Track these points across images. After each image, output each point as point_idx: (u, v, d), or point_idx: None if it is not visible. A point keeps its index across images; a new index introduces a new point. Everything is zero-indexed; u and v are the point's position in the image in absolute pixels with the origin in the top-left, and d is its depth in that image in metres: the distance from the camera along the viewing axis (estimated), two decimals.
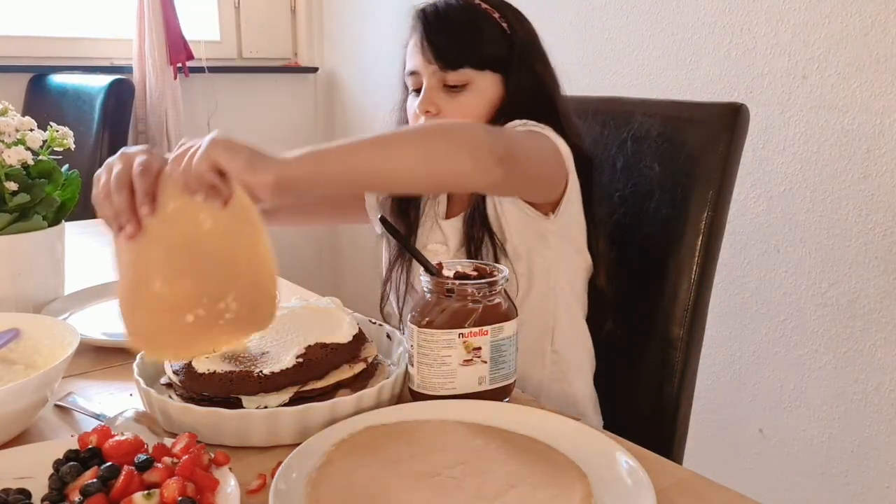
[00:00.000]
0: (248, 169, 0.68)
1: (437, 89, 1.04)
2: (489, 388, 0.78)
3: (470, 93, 1.03)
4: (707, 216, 1.08)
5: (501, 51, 1.04)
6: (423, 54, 1.03)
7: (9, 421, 0.69)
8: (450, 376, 0.76)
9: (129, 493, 0.55)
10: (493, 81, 1.04)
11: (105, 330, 1.00)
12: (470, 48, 1.03)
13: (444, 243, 1.08)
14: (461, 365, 0.76)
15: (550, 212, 1.01)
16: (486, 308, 0.77)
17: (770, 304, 1.63)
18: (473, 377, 0.77)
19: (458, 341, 0.75)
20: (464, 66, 1.02)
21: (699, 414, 1.70)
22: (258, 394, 0.73)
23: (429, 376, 0.77)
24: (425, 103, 1.03)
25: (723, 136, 1.08)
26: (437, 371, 0.76)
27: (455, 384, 0.76)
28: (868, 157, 1.43)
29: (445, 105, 1.03)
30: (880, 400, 1.47)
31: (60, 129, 1.02)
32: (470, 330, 0.75)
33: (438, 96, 1.04)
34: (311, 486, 0.61)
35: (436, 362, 0.76)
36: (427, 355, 0.76)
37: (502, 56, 1.04)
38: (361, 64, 2.85)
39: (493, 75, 1.04)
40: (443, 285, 0.77)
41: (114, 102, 2.13)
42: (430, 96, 1.04)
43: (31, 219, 0.98)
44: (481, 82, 1.04)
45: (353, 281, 3.13)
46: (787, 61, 1.53)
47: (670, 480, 0.66)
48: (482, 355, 0.76)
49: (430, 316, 0.76)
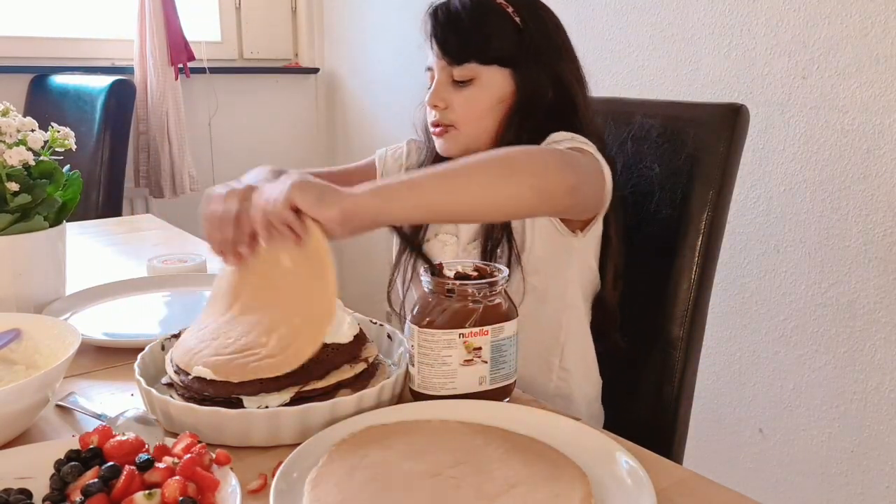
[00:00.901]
0: (318, 204, 0.72)
1: (446, 84, 1.05)
2: (490, 388, 0.78)
3: (476, 87, 1.04)
4: (707, 216, 1.08)
5: (511, 45, 1.03)
6: (432, 50, 1.05)
7: (10, 421, 0.69)
8: (450, 376, 0.76)
9: (131, 493, 0.55)
10: (501, 76, 1.04)
11: (106, 330, 1.00)
12: (473, 43, 1.03)
13: (454, 234, 1.09)
14: (462, 365, 0.76)
15: (579, 229, 1.01)
16: (486, 308, 0.77)
17: (770, 304, 1.63)
18: (474, 377, 0.77)
19: (458, 341, 0.76)
20: (469, 61, 1.03)
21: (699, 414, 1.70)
22: (259, 394, 0.73)
23: (429, 376, 0.77)
24: (433, 97, 1.05)
25: (723, 136, 1.08)
26: (437, 371, 0.76)
27: (455, 384, 0.77)
28: (868, 158, 1.43)
29: (453, 100, 1.04)
30: (880, 400, 1.47)
31: (62, 129, 1.02)
32: (470, 330, 0.76)
33: (447, 90, 1.05)
34: (311, 486, 0.61)
35: (436, 362, 0.76)
36: (427, 355, 0.76)
37: (511, 51, 1.03)
38: (362, 65, 2.86)
39: (500, 70, 1.04)
40: (443, 285, 0.77)
41: (115, 103, 2.13)
42: (439, 90, 1.05)
43: (33, 219, 0.98)
44: (487, 77, 1.03)
45: (354, 281, 3.13)
46: (787, 62, 1.53)
47: (670, 480, 0.66)
48: (482, 355, 0.77)
49: (430, 316, 0.77)
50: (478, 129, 1.06)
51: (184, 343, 0.79)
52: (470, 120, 1.05)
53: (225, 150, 2.91)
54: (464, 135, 1.06)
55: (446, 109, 1.05)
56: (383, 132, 2.78)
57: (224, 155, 2.92)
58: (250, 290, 0.81)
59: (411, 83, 2.62)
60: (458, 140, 1.06)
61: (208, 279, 1.22)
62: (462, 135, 1.06)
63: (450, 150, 1.07)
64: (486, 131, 1.06)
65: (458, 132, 1.06)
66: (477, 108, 1.04)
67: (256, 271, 0.80)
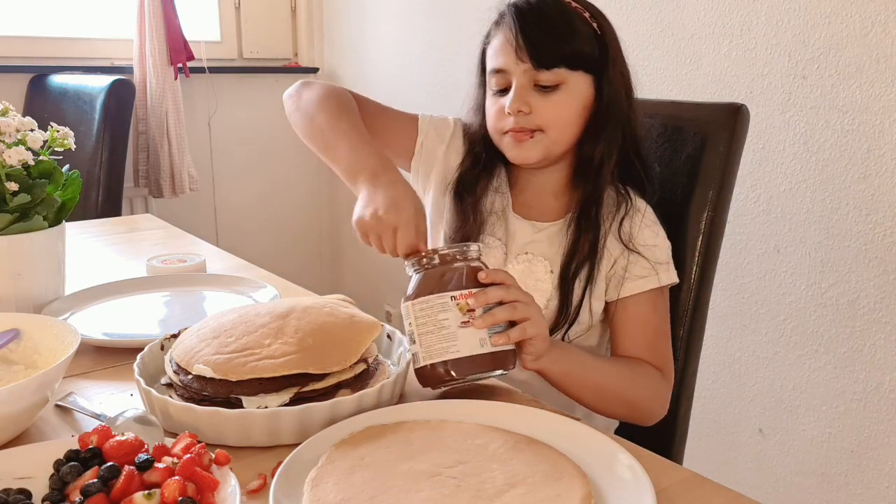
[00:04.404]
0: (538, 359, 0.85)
1: (528, 88, 0.99)
2: (492, 350, 0.79)
3: (563, 93, 0.99)
4: (707, 216, 1.08)
5: (594, 51, 1.00)
6: (516, 52, 0.98)
7: (9, 421, 0.69)
8: (451, 339, 0.78)
9: (130, 493, 0.55)
10: (585, 83, 1.01)
11: (105, 330, 1.00)
12: (565, 47, 0.99)
13: (503, 240, 1.07)
14: (460, 327, 0.78)
15: None
16: (469, 270, 0.81)
17: (770, 304, 1.63)
18: (475, 338, 0.78)
19: (451, 304, 0.78)
20: (558, 66, 0.98)
21: (699, 414, 1.71)
22: (258, 394, 0.73)
23: (431, 343, 0.78)
24: (518, 102, 0.99)
25: (723, 136, 1.08)
26: (437, 336, 0.78)
27: (458, 345, 0.78)
28: (868, 158, 1.43)
29: (538, 105, 0.99)
30: (880, 400, 1.47)
31: (61, 129, 1.02)
32: (461, 292, 0.79)
33: (530, 95, 0.99)
34: (311, 486, 0.61)
35: (435, 328, 0.78)
36: (426, 324, 0.79)
37: (595, 57, 1.00)
38: (361, 64, 2.86)
39: (584, 76, 1.00)
40: (422, 259, 0.82)
41: (114, 103, 2.13)
42: (522, 95, 0.99)
43: (32, 219, 0.98)
44: (574, 83, 1.00)
45: (354, 280, 3.13)
46: (787, 62, 1.53)
47: (670, 480, 0.66)
48: (476, 316, 0.78)
49: (419, 288, 0.80)
50: (565, 135, 1.02)
51: (184, 342, 0.79)
52: (560, 125, 1.01)
53: (224, 149, 2.91)
54: (551, 140, 1.01)
55: (530, 114, 0.99)
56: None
57: (223, 155, 2.92)
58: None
59: (411, 83, 2.62)
60: (544, 146, 1.01)
61: (207, 279, 1.22)
62: (549, 140, 1.01)
63: (530, 157, 1.02)
64: (571, 137, 1.03)
65: (546, 136, 1.00)
66: (566, 113, 1.00)
67: None
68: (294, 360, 0.73)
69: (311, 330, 0.77)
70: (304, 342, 0.75)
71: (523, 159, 1.03)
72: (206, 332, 0.79)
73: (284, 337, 0.76)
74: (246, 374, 0.73)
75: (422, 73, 2.56)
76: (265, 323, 0.78)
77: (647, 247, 1.02)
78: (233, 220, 2.97)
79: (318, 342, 0.76)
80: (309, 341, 0.76)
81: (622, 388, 0.97)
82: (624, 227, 1.03)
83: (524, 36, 0.98)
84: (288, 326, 0.77)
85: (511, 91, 1.00)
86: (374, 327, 0.82)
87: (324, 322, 0.79)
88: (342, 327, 0.79)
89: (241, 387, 0.73)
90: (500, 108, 1.02)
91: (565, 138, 1.02)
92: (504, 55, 1.00)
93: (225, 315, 0.82)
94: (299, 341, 0.75)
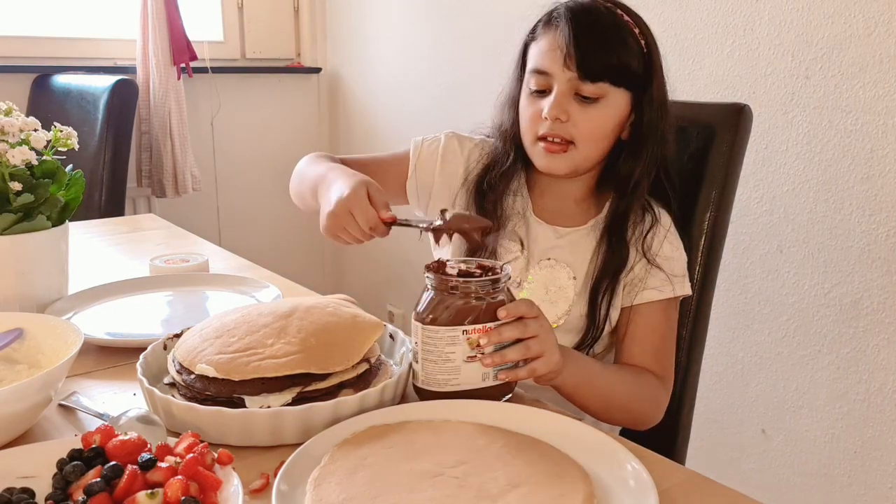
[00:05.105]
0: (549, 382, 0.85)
1: (568, 96, 0.98)
2: (493, 384, 0.78)
3: (602, 107, 0.98)
4: (710, 216, 1.08)
5: (639, 69, 0.99)
6: (564, 59, 0.97)
7: (12, 420, 0.69)
8: (454, 373, 0.77)
9: (133, 492, 0.55)
10: (624, 99, 1.00)
11: (109, 329, 1.00)
12: (614, 62, 0.97)
13: (524, 243, 1.06)
14: (465, 361, 0.77)
15: None
16: (489, 305, 0.77)
17: (773, 305, 1.62)
18: (477, 373, 0.77)
19: (461, 338, 0.76)
20: (603, 80, 0.97)
21: (702, 414, 1.70)
22: (261, 394, 0.73)
23: (433, 372, 0.77)
24: (556, 109, 0.98)
25: (726, 136, 1.08)
26: (441, 367, 0.77)
27: (459, 380, 0.77)
28: (871, 158, 1.42)
29: (576, 115, 0.98)
30: (883, 400, 1.47)
31: (64, 129, 1.02)
32: (473, 327, 0.76)
33: (570, 104, 0.98)
34: (313, 485, 0.61)
35: (440, 359, 0.77)
36: (431, 352, 0.77)
37: (639, 75, 0.99)
38: (365, 64, 2.86)
39: (624, 93, 0.99)
40: (446, 282, 0.77)
41: (117, 103, 2.13)
42: (562, 103, 0.98)
43: (36, 219, 0.98)
44: (614, 98, 0.99)
45: (357, 280, 3.13)
46: (791, 62, 1.53)
47: (673, 480, 0.66)
48: (486, 352, 0.77)
49: (434, 313, 0.77)
50: (595, 151, 1.01)
51: (187, 342, 0.79)
52: (592, 139, 1.00)
53: (227, 149, 2.92)
54: (581, 155, 1.00)
55: (567, 123, 0.98)
56: (385, 132, 2.78)
57: (226, 155, 2.92)
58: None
59: (414, 83, 2.61)
60: (574, 161, 1.01)
61: (210, 279, 1.22)
62: (579, 154, 1.00)
63: (560, 169, 1.01)
64: (600, 153, 1.02)
65: (577, 152, 1.00)
66: (602, 128, 0.99)
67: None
68: (297, 360, 0.74)
69: (314, 330, 0.77)
70: (307, 342, 0.76)
71: (552, 170, 1.02)
72: (209, 332, 0.79)
73: (287, 337, 0.76)
74: (249, 374, 0.73)
75: (425, 73, 2.56)
76: (268, 323, 0.78)
77: (666, 259, 1.03)
78: (235, 219, 2.97)
79: (320, 342, 0.76)
80: (311, 341, 0.76)
81: (626, 398, 0.97)
82: (647, 240, 1.03)
83: (576, 44, 0.96)
84: (290, 326, 0.77)
85: (551, 96, 0.99)
86: (376, 327, 0.82)
87: (326, 322, 0.79)
88: (345, 327, 0.79)
89: (243, 386, 0.73)
90: (537, 111, 1.00)
91: (595, 154, 1.02)
92: (551, 59, 0.98)
93: (228, 315, 0.82)
94: (302, 341, 0.75)
